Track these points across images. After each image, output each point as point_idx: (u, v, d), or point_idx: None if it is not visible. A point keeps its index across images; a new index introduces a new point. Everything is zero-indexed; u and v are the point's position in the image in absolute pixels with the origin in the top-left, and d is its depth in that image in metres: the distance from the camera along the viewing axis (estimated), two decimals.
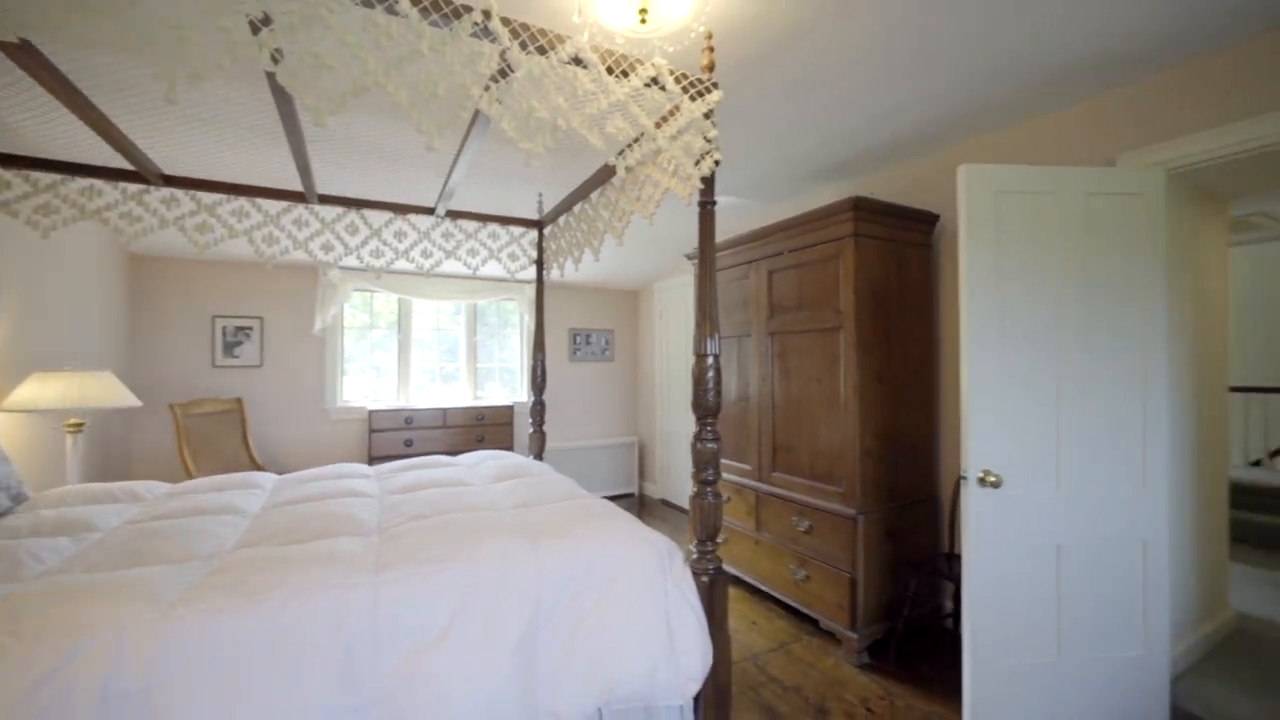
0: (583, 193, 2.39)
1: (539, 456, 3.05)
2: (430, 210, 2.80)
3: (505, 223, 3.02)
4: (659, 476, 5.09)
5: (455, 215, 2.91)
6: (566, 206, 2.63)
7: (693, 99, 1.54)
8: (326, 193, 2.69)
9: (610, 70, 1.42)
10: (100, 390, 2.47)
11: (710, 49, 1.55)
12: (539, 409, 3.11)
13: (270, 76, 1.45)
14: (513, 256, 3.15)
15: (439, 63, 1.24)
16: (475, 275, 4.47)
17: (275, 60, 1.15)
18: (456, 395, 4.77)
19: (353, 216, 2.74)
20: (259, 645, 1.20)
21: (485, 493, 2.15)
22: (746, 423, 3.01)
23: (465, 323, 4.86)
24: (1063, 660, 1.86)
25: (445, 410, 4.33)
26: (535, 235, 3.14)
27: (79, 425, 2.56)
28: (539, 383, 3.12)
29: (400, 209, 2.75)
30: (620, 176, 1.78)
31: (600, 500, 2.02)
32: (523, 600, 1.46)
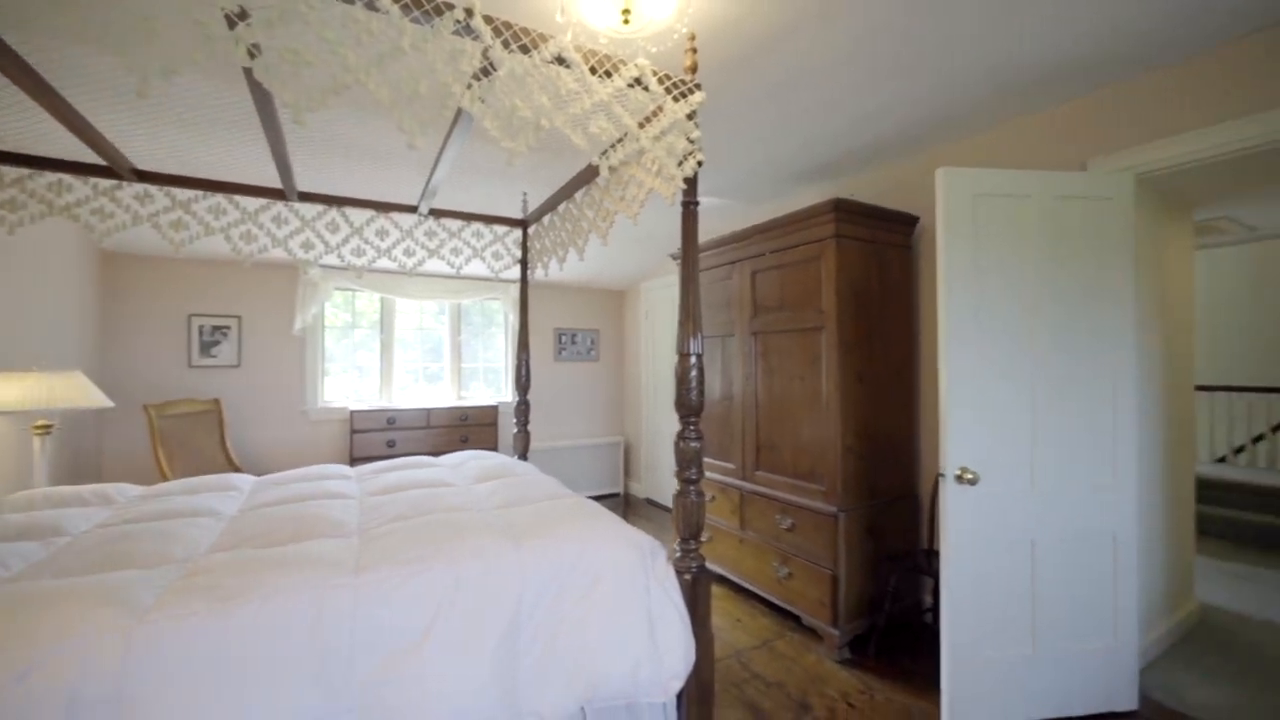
0: (567, 192, 2.38)
1: (523, 456, 3.04)
2: (413, 208, 2.76)
3: (489, 221, 3.00)
4: (644, 476, 5.10)
5: (438, 214, 2.88)
6: (551, 206, 2.62)
7: (676, 100, 1.55)
8: (307, 190, 2.64)
9: (593, 70, 1.42)
10: (69, 391, 2.40)
11: (693, 50, 1.56)
12: (523, 409, 3.10)
13: (247, 72, 1.42)
14: (497, 256, 3.13)
15: (420, 60, 1.22)
16: (459, 274, 4.43)
17: (252, 56, 1.13)
18: (440, 395, 4.73)
19: (333, 214, 2.70)
20: (235, 650, 1.18)
21: (468, 493, 2.13)
22: (730, 422, 3.03)
23: (449, 322, 4.82)
24: (1038, 652, 1.91)
25: (429, 410, 4.29)
26: (519, 234, 3.12)
27: (47, 427, 2.48)
28: (523, 382, 3.10)
29: (382, 207, 2.71)
30: (604, 176, 1.78)
31: (584, 500, 2.02)
32: (505, 600, 1.45)
